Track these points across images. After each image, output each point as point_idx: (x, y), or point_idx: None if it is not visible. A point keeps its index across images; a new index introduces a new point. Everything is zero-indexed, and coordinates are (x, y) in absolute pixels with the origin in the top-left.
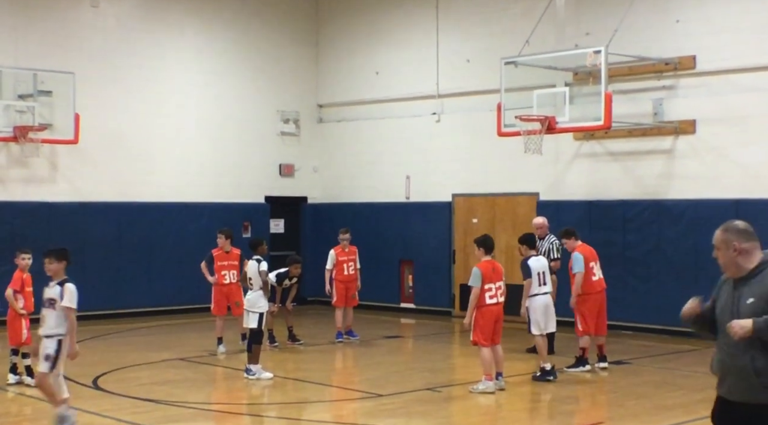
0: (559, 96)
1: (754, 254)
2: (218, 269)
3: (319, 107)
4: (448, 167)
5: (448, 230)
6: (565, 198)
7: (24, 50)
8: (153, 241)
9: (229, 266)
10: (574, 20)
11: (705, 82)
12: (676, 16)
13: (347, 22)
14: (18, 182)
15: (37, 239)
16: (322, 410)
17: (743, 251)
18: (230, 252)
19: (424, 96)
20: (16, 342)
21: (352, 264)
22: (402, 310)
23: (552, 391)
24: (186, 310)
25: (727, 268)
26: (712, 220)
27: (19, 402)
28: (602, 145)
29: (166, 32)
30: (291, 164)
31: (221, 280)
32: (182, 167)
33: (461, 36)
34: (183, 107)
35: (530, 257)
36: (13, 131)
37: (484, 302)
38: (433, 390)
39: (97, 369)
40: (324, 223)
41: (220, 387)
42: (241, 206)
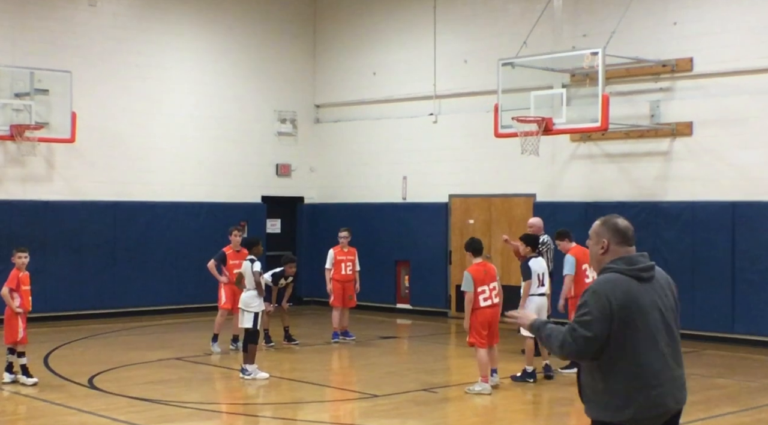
0: (556, 97)
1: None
2: (230, 268)
3: (316, 107)
4: (444, 168)
5: (445, 231)
6: (561, 200)
7: (21, 49)
8: (149, 240)
9: (239, 265)
10: (571, 22)
11: (702, 84)
12: (674, 18)
13: (345, 23)
14: (15, 181)
15: (33, 238)
16: (317, 410)
17: (611, 251)
18: (240, 251)
19: (421, 97)
20: (11, 341)
21: (350, 264)
22: (398, 311)
23: (548, 392)
24: (182, 309)
25: (590, 261)
26: (708, 222)
27: (15, 401)
28: (599, 146)
29: (163, 31)
30: (288, 164)
31: (233, 278)
32: (179, 167)
33: (458, 37)
34: (180, 106)
35: (531, 258)
36: (9, 129)
37: (479, 305)
38: (428, 390)
39: (93, 368)
40: (320, 223)
41: (216, 387)
42: (237, 205)
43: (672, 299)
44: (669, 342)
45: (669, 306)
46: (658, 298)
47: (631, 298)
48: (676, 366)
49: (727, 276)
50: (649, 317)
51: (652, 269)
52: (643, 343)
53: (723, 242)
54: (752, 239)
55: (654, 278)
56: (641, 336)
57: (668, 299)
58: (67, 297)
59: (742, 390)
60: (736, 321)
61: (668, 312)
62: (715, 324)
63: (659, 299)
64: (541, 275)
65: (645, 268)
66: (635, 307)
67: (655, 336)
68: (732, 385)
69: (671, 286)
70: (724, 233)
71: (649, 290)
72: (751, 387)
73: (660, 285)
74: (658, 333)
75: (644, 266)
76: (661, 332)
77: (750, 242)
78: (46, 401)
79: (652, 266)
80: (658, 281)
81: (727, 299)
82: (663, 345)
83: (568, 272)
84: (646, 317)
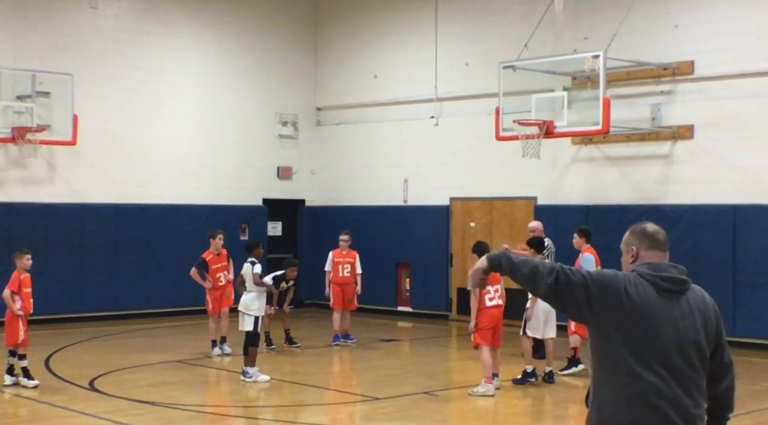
0: (557, 100)
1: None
2: (213, 273)
3: (318, 109)
4: (446, 171)
5: (446, 234)
6: (562, 203)
7: (22, 51)
8: (150, 243)
9: (222, 268)
10: (572, 25)
11: (703, 87)
12: (675, 21)
13: (346, 26)
14: (16, 183)
15: (34, 241)
16: (318, 413)
17: (640, 257)
18: (220, 254)
19: (422, 99)
20: (12, 343)
21: (348, 266)
22: (399, 313)
23: (548, 394)
24: (183, 312)
25: None
26: (710, 225)
27: (16, 403)
28: (600, 150)
29: (164, 34)
30: (289, 167)
31: (216, 283)
32: (180, 169)
33: (460, 40)
34: (181, 108)
35: None
36: (11, 132)
37: (485, 304)
38: (429, 393)
39: (94, 370)
40: (321, 226)
41: (217, 390)
42: (238, 208)
43: (700, 324)
44: (683, 366)
45: (691, 328)
46: (680, 316)
47: (642, 300)
48: (684, 395)
49: (728, 279)
50: (656, 329)
51: (682, 283)
52: (643, 358)
53: (724, 245)
54: (753, 241)
55: (683, 296)
56: (642, 348)
57: (692, 321)
58: (68, 300)
59: (744, 393)
60: (737, 324)
61: (687, 334)
62: None
63: (680, 318)
64: None
65: (670, 279)
66: (645, 311)
67: (663, 354)
68: None
69: (707, 309)
70: (726, 235)
71: (668, 304)
72: (753, 390)
73: (688, 304)
74: (668, 353)
75: (669, 276)
76: (673, 354)
77: (751, 244)
78: (47, 403)
79: (681, 280)
80: (688, 299)
81: (729, 302)
82: (671, 368)
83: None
84: (652, 328)
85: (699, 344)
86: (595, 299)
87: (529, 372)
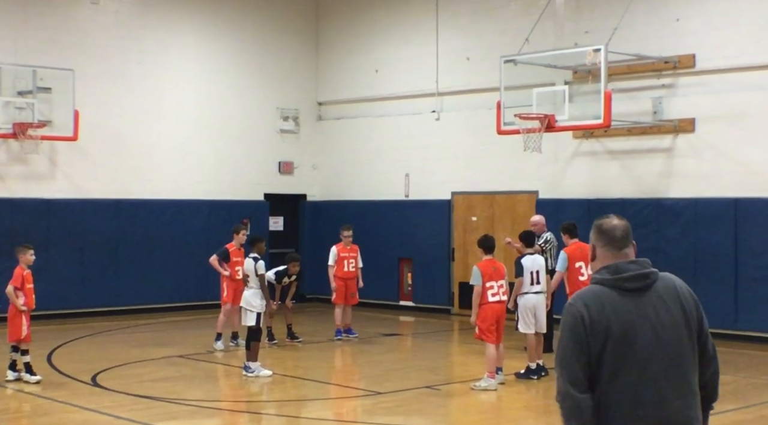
0: (558, 94)
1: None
2: (232, 265)
3: (319, 104)
4: (447, 165)
5: (447, 228)
6: (564, 197)
7: (23, 47)
8: (152, 238)
9: (241, 262)
10: (573, 18)
11: (704, 80)
12: (676, 14)
13: (347, 20)
14: (17, 179)
15: (36, 236)
16: (321, 407)
17: (598, 256)
18: (242, 249)
19: (423, 94)
20: (15, 339)
21: (352, 261)
22: (401, 308)
23: (550, 389)
24: (185, 307)
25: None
26: (711, 219)
27: (18, 398)
28: (601, 143)
29: (165, 29)
30: (290, 162)
31: (235, 275)
32: (182, 164)
33: (461, 34)
34: (183, 104)
35: (525, 255)
36: (12, 127)
37: (487, 299)
38: (431, 387)
39: (96, 365)
40: (323, 221)
41: (219, 385)
42: (240, 203)
43: (676, 314)
44: (668, 366)
45: (668, 323)
46: (653, 313)
47: (606, 314)
48: (673, 396)
49: (729, 273)
50: (631, 337)
51: (645, 277)
52: (622, 368)
53: (726, 239)
54: (755, 235)
55: (650, 289)
56: (621, 358)
57: (668, 313)
58: (70, 295)
59: (745, 386)
60: (738, 318)
61: (665, 330)
62: (717, 321)
63: (654, 314)
64: (536, 272)
65: (632, 277)
66: (611, 324)
67: (643, 358)
68: (734, 382)
69: (681, 297)
70: (727, 229)
71: (638, 304)
72: (754, 384)
73: (658, 297)
74: (649, 356)
75: (631, 274)
76: (654, 355)
77: (753, 238)
78: (49, 398)
79: (644, 275)
80: (658, 291)
81: (730, 296)
82: (655, 371)
83: (558, 269)
84: (627, 337)
85: (680, 338)
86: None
87: (533, 369)
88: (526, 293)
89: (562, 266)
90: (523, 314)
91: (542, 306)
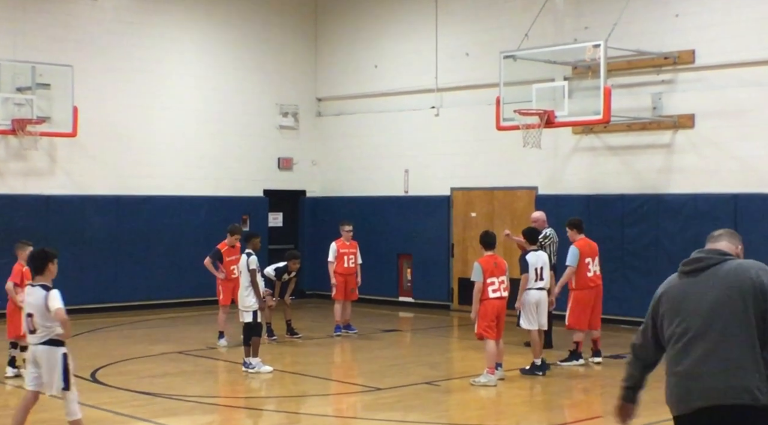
0: (558, 90)
1: None
2: (227, 265)
3: (318, 100)
4: (446, 161)
5: (447, 224)
6: (563, 192)
7: (22, 43)
8: (151, 234)
9: (236, 260)
10: (573, 14)
11: (704, 76)
12: (675, 10)
13: (346, 16)
14: (16, 175)
15: (35, 233)
16: (320, 403)
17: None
18: (235, 246)
19: (422, 90)
20: (14, 335)
21: (352, 257)
22: (400, 304)
23: (550, 385)
24: (185, 303)
25: None
26: (711, 214)
27: (18, 395)
28: (601, 139)
29: (164, 25)
30: (290, 158)
31: (230, 275)
32: (181, 160)
33: (460, 29)
34: (182, 100)
35: (529, 251)
36: (11, 123)
37: (488, 295)
38: (431, 383)
39: (96, 362)
40: (322, 217)
41: (219, 381)
42: (239, 199)
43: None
44: (709, 337)
45: (711, 299)
46: (700, 290)
47: (665, 291)
48: (711, 365)
49: None
50: (682, 309)
51: (698, 261)
52: (672, 335)
53: None
54: (754, 230)
55: (705, 271)
56: (674, 327)
57: (713, 291)
58: (69, 291)
59: None
60: None
61: (707, 304)
62: None
63: (700, 291)
64: (540, 269)
65: (688, 261)
66: (668, 299)
67: (685, 328)
68: None
69: (738, 280)
70: (726, 225)
71: (688, 283)
72: None
73: (714, 277)
74: (689, 326)
75: (688, 259)
76: (693, 325)
77: (752, 233)
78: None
79: (698, 259)
80: (717, 273)
81: None
82: (694, 341)
83: (570, 264)
84: (679, 309)
85: (725, 314)
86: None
87: (537, 365)
88: (529, 289)
89: (574, 261)
90: (526, 310)
91: (544, 303)
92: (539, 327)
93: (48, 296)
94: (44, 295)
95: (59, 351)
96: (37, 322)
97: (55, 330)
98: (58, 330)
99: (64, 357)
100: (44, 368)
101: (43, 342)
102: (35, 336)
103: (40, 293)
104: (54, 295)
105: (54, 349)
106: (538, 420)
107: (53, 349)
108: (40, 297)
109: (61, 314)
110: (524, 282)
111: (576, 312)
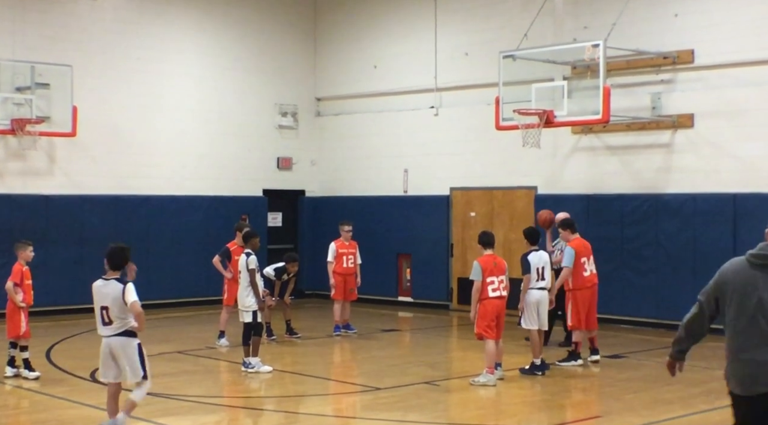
0: (557, 90)
1: None
2: (234, 264)
3: (317, 100)
4: (446, 161)
5: (446, 224)
6: (563, 192)
7: (22, 43)
8: (151, 234)
9: None
10: (572, 14)
11: (703, 76)
12: (675, 10)
13: (345, 16)
14: (15, 175)
15: (34, 232)
16: (320, 403)
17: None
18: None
19: (422, 90)
20: (14, 335)
21: (351, 257)
22: (400, 303)
23: (549, 385)
24: (184, 303)
25: None
26: (710, 214)
27: (17, 394)
28: (600, 139)
29: (164, 25)
30: (289, 158)
31: (237, 274)
32: (180, 160)
33: (459, 29)
34: (181, 99)
35: (530, 252)
36: (10, 123)
37: (487, 295)
38: (430, 383)
39: (95, 362)
40: (322, 216)
41: (219, 381)
42: (238, 199)
43: None
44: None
45: None
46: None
47: (734, 278)
48: None
49: None
50: (747, 296)
51: (765, 258)
52: (735, 318)
53: (724, 234)
54: (753, 230)
55: None
56: (740, 314)
57: None
58: (69, 291)
59: None
60: None
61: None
62: None
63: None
64: (541, 269)
65: (757, 255)
66: (738, 288)
67: (749, 315)
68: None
69: None
70: (726, 224)
71: (755, 275)
72: None
73: None
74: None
75: (757, 253)
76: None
77: (751, 233)
78: (48, 395)
79: (765, 256)
80: None
81: None
82: (756, 329)
83: (566, 265)
84: (745, 295)
85: None
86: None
87: (537, 365)
88: (531, 288)
89: (570, 262)
90: (527, 309)
91: (545, 302)
92: (539, 326)
93: (125, 289)
94: (121, 288)
95: (134, 342)
96: (114, 314)
97: (129, 321)
98: (132, 322)
99: (140, 347)
100: (122, 359)
101: (118, 333)
102: (110, 328)
103: (116, 286)
104: (130, 288)
105: (129, 340)
106: (537, 420)
107: (129, 340)
108: (117, 290)
109: (137, 307)
110: (526, 283)
111: (576, 313)
